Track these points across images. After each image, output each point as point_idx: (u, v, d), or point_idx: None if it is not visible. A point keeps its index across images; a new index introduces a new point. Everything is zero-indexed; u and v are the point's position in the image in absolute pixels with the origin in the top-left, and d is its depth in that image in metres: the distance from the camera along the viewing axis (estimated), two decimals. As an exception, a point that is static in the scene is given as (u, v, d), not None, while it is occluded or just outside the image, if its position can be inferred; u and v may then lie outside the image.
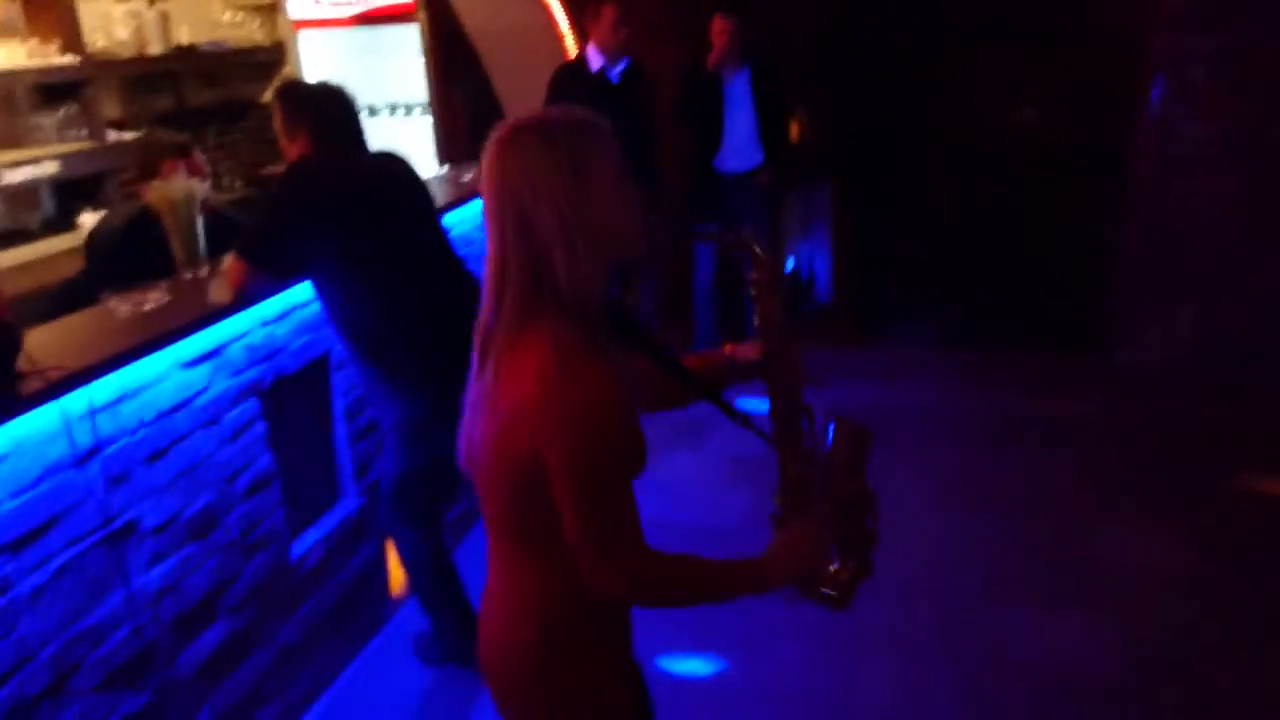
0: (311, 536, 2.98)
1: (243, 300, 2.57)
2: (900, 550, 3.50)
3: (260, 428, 2.71)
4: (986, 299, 5.46)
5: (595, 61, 4.34)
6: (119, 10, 5.17)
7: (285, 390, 2.83)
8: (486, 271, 1.36)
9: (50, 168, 4.57)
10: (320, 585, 2.98)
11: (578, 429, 1.29)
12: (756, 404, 1.64)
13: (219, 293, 2.58)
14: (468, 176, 3.99)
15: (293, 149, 2.66)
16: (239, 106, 5.83)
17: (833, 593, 1.55)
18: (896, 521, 3.65)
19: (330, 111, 2.66)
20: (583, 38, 4.55)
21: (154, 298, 2.51)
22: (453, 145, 5.06)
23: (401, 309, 2.64)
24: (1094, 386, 4.80)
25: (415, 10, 4.89)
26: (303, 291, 2.81)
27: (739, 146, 4.69)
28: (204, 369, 2.51)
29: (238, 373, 2.63)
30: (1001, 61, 5.29)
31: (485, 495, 1.45)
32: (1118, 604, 3.21)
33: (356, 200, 2.55)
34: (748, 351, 1.64)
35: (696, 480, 4.04)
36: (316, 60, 5.11)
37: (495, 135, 1.37)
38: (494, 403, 1.36)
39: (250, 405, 2.68)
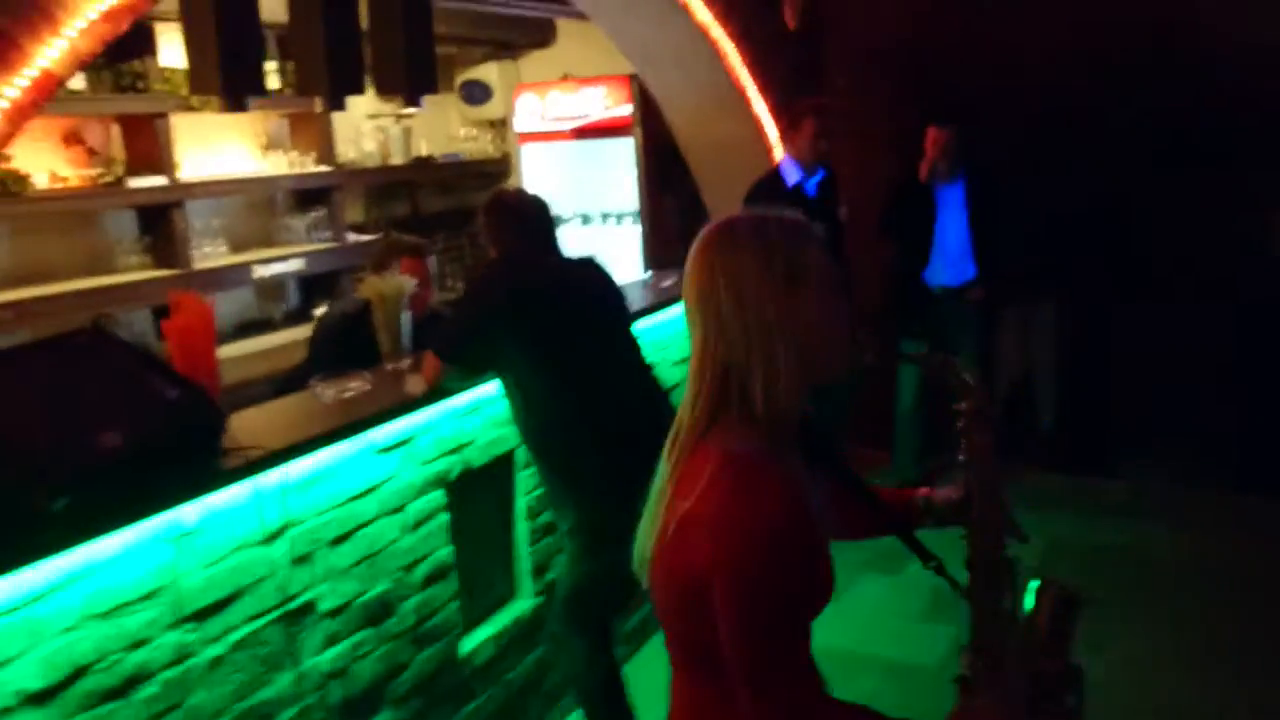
0: (484, 632, 2.96)
1: (436, 393, 2.65)
2: (1109, 710, 3.08)
3: (443, 518, 2.75)
4: (1235, 433, 4.87)
5: (791, 174, 4.30)
6: (369, 125, 5.70)
7: (470, 483, 2.87)
8: (690, 371, 1.30)
9: (296, 264, 5.02)
10: (489, 683, 2.95)
11: (745, 552, 1.18)
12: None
13: (415, 385, 2.67)
14: (668, 282, 4.02)
15: (493, 253, 2.77)
16: (467, 214, 6.22)
17: None
18: (1117, 685, 3.27)
19: (525, 217, 2.75)
20: (784, 149, 4.55)
21: (356, 386, 2.63)
22: (661, 252, 5.15)
23: (584, 412, 2.63)
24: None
25: (631, 125, 5.08)
26: (493, 387, 2.87)
27: (951, 260, 4.50)
28: (394, 457, 2.59)
29: (426, 463, 2.69)
30: (1255, 181, 4.82)
31: (658, 609, 1.36)
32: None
33: (543, 301, 2.59)
34: (948, 493, 1.49)
35: (891, 610, 3.76)
36: (537, 171, 5.39)
37: (705, 231, 1.31)
38: (667, 512, 1.28)
39: (436, 495, 2.73)
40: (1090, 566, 4.10)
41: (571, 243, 2.95)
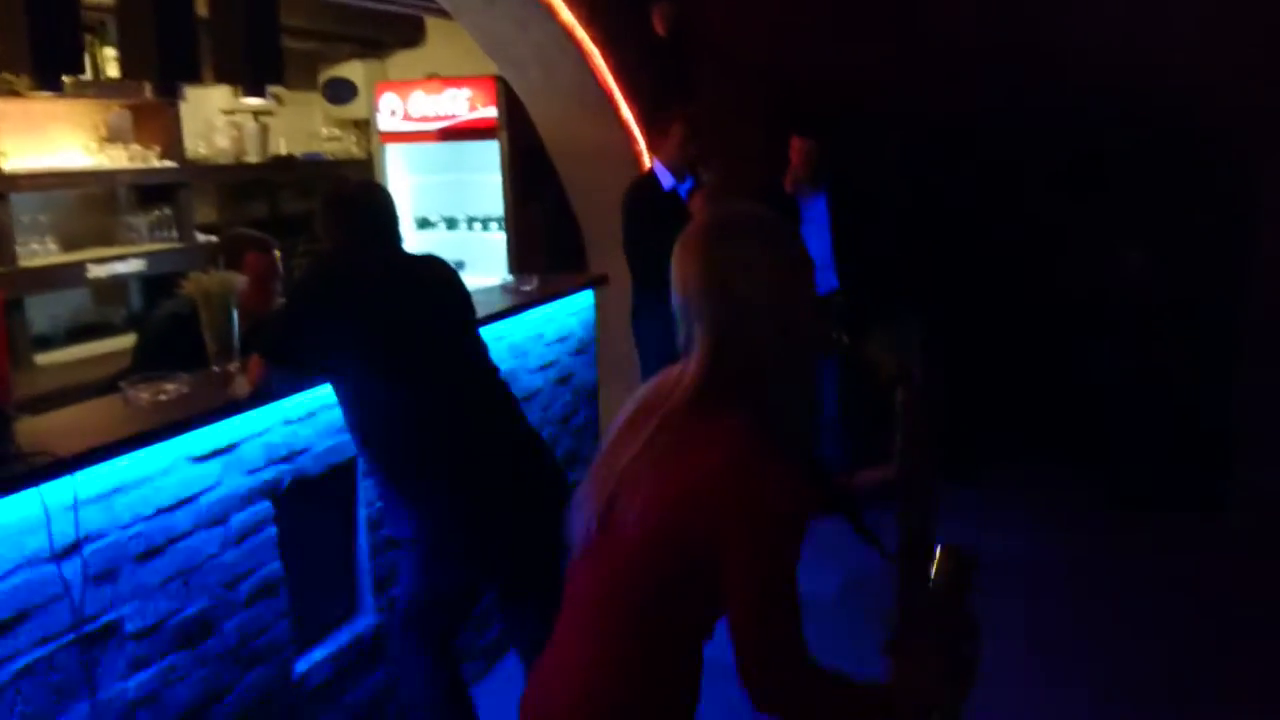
0: (320, 652, 2.79)
1: (261, 397, 2.48)
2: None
3: (271, 531, 2.58)
4: (1087, 447, 5.05)
5: (665, 179, 4.28)
6: (222, 120, 5.42)
7: (304, 494, 2.70)
8: (689, 354, 1.37)
9: (137, 265, 4.72)
10: (327, 707, 2.78)
11: (774, 533, 1.29)
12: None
13: (239, 388, 2.50)
14: (528, 286, 3.92)
15: (328, 247, 2.62)
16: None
17: None
18: (999, 680, 3.31)
19: (363, 210, 2.61)
20: (653, 155, 4.52)
21: (173, 388, 2.44)
22: (526, 258, 5.05)
23: (421, 417, 2.48)
24: (1202, 548, 4.34)
25: (497, 127, 4.97)
26: (329, 392, 2.71)
27: (814, 270, 4.52)
28: (214, 465, 2.41)
29: (252, 472, 2.52)
30: (1105, 201, 5.03)
31: (603, 572, 1.40)
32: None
33: (374, 298, 2.45)
34: (872, 476, 1.63)
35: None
36: (400, 173, 5.22)
37: (701, 226, 1.40)
38: (660, 481, 1.32)
39: (262, 507, 2.55)
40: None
41: (435, 248, 2.84)
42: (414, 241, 4.27)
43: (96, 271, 4.54)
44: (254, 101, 5.60)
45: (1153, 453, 4.82)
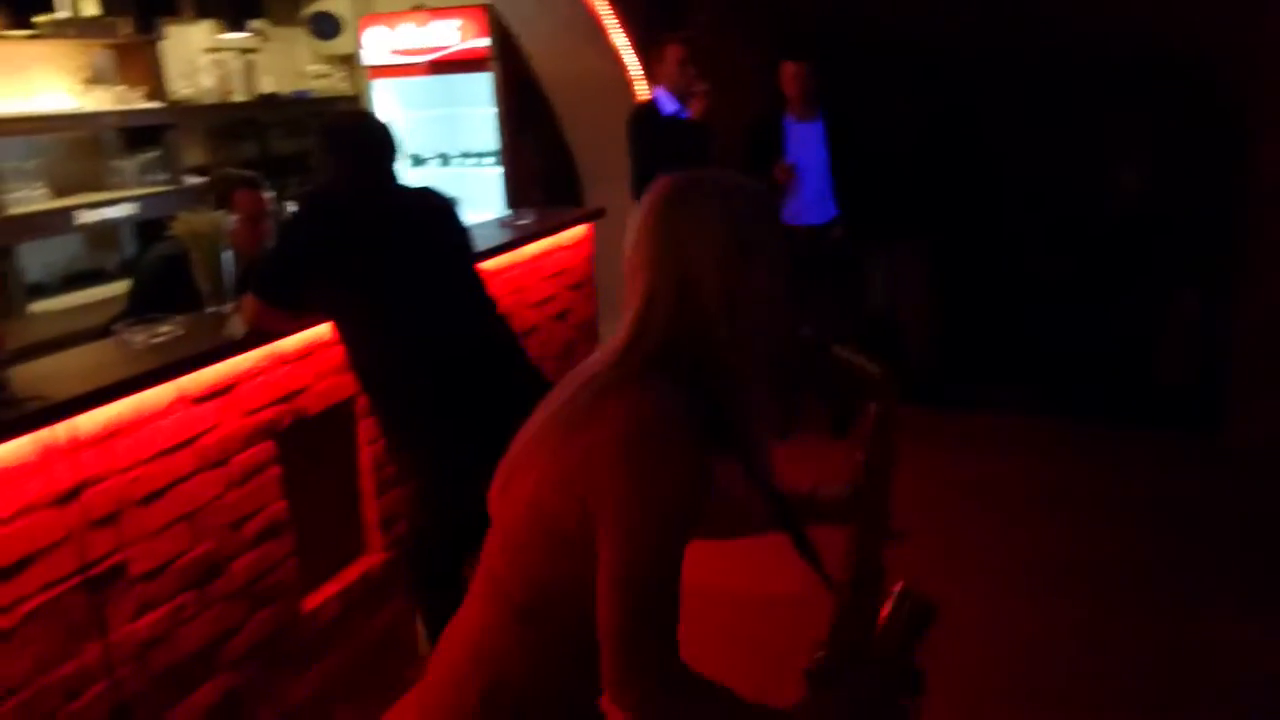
0: (329, 590, 2.81)
1: (257, 337, 2.45)
2: (973, 640, 3.15)
3: (274, 471, 2.57)
4: (1082, 368, 5.04)
5: (667, 105, 4.19)
6: (205, 59, 5.30)
7: (306, 433, 2.69)
8: (625, 321, 1.25)
9: (128, 209, 4.66)
10: (336, 643, 2.80)
11: (645, 516, 1.15)
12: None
13: (235, 328, 2.47)
14: (525, 220, 3.87)
15: (323, 182, 2.57)
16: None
17: None
18: (970, 604, 3.34)
19: (356, 144, 2.55)
20: (652, 83, 4.42)
21: (167, 330, 2.41)
22: (522, 193, 4.97)
23: (416, 354, 2.46)
24: (1199, 466, 4.35)
25: (487, 59, 4.85)
26: (328, 331, 2.68)
27: (811, 200, 4.45)
28: (213, 406, 2.39)
29: (251, 412, 2.50)
30: (1107, 118, 4.93)
31: (502, 539, 1.30)
32: (1217, 713, 2.79)
33: (367, 234, 2.41)
34: (834, 492, 1.48)
35: (750, 544, 3.75)
36: (390, 108, 5.11)
37: (659, 189, 1.25)
38: (551, 458, 1.22)
39: (264, 447, 2.54)
40: (945, 497, 4.19)
41: (430, 184, 2.77)
42: (408, 179, 4.21)
43: (86, 217, 4.48)
44: (236, 37, 5.50)
45: (1150, 372, 4.82)
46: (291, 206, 3.81)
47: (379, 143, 2.58)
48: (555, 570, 1.23)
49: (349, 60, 5.84)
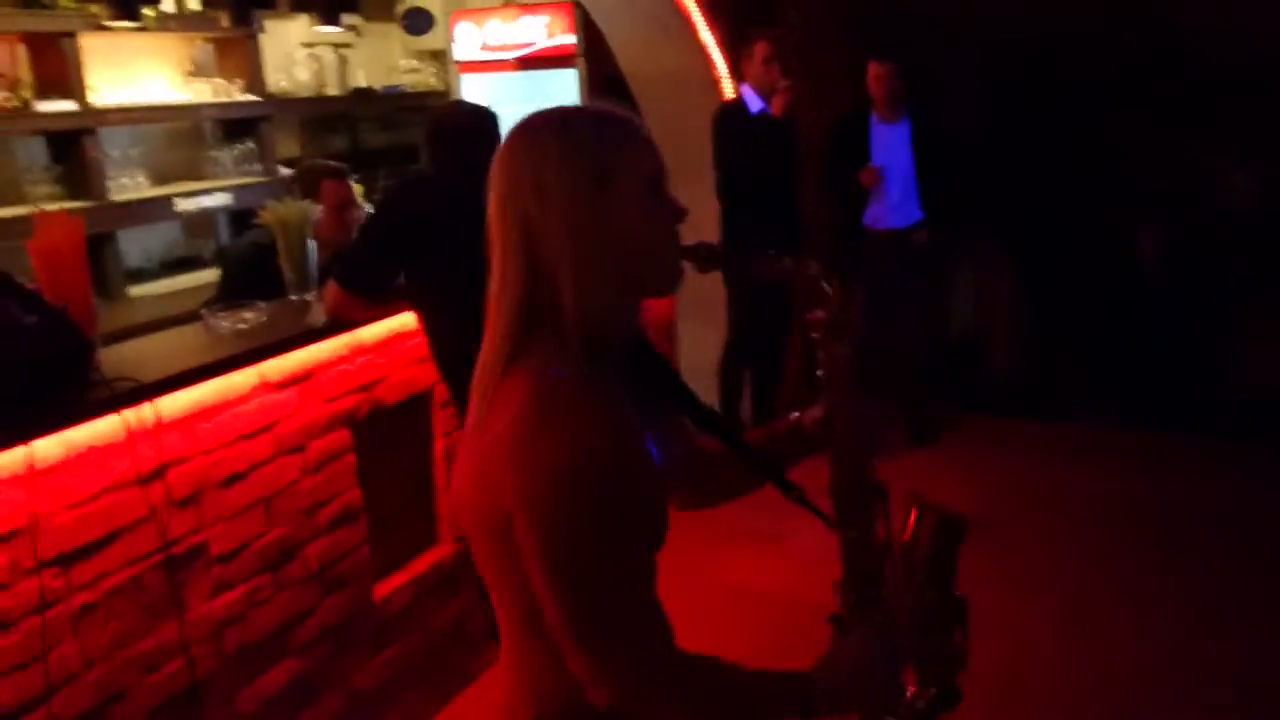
0: (400, 578, 2.84)
1: (337, 325, 2.49)
2: (1069, 660, 3.03)
3: (350, 460, 2.60)
4: (1187, 381, 4.81)
5: (754, 102, 4.14)
6: (302, 54, 5.43)
7: (382, 423, 2.72)
8: (490, 291, 1.13)
9: (223, 199, 4.79)
10: (406, 630, 2.83)
11: (551, 492, 1.01)
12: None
13: (317, 316, 2.51)
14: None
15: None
16: (411, 150, 5.99)
17: None
18: (1051, 625, 3.22)
19: (452, 131, 2.58)
20: (738, 80, 4.37)
21: (252, 316, 2.46)
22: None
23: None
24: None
25: (575, 55, 4.86)
26: (407, 321, 2.70)
27: (895, 203, 4.34)
28: (293, 393, 2.43)
29: (330, 400, 2.54)
30: (1221, 122, 4.69)
31: (476, 560, 1.17)
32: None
33: (448, 220, 2.42)
34: (815, 414, 1.31)
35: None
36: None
37: (511, 129, 1.14)
38: (477, 451, 1.09)
39: (341, 435, 2.58)
40: (1028, 506, 4.05)
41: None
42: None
43: (184, 205, 4.63)
44: (331, 31, 5.62)
45: (1263, 385, 4.58)
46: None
47: (469, 131, 2.59)
48: (521, 572, 1.08)
49: (440, 56, 5.91)
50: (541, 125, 1.12)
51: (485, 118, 2.60)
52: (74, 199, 4.21)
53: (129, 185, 4.45)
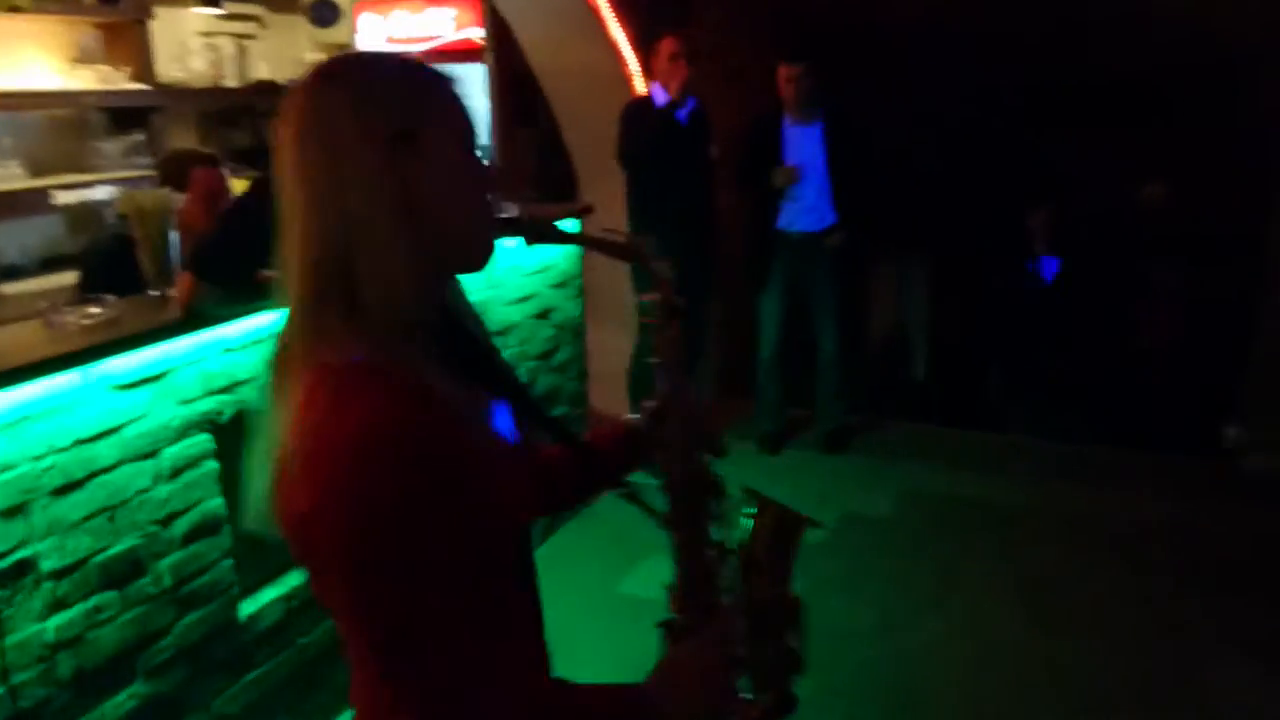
0: (270, 593, 2.65)
1: (193, 320, 2.30)
2: (971, 671, 2.97)
3: (211, 466, 2.42)
4: (1098, 389, 4.83)
5: (659, 98, 4.04)
6: (198, 42, 5.18)
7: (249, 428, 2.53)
8: (280, 266, 0.98)
9: (103, 192, 4.52)
10: (276, 650, 2.64)
11: (335, 491, 0.86)
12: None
13: (173, 312, 2.32)
14: (508, 214, 3.70)
15: None
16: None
17: None
18: (968, 636, 3.16)
19: None
20: (649, 78, 4.27)
21: (99, 312, 2.26)
22: (514, 187, 4.82)
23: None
24: (1217, 493, 4.14)
25: (483, 50, 4.72)
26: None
27: (807, 205, 4.28)
28: (143, 394, 2.24)
29: (186, 402, 2.35)
30: (1127, 134, 4.73)
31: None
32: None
33: None
34: (652, 404, 1.20)
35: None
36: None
37: (305, 76, 0.99)
38: (278, 463, 0.94)
39: (201, 440, 2.39)
40: (942, 515, 4.01)
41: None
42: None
43: (64, 198, 4.35)
44: (230, 20, 5.38)
45: (1173, 393, 4.61)
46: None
47: None
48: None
49: (346, 49, 5.71)
50: (339, 71, 0.98)
51: None
52: (-61, 189, 3.94)
53: (1, 175, 4.17)
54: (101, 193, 4.52)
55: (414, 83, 0.99)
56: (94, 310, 2.26)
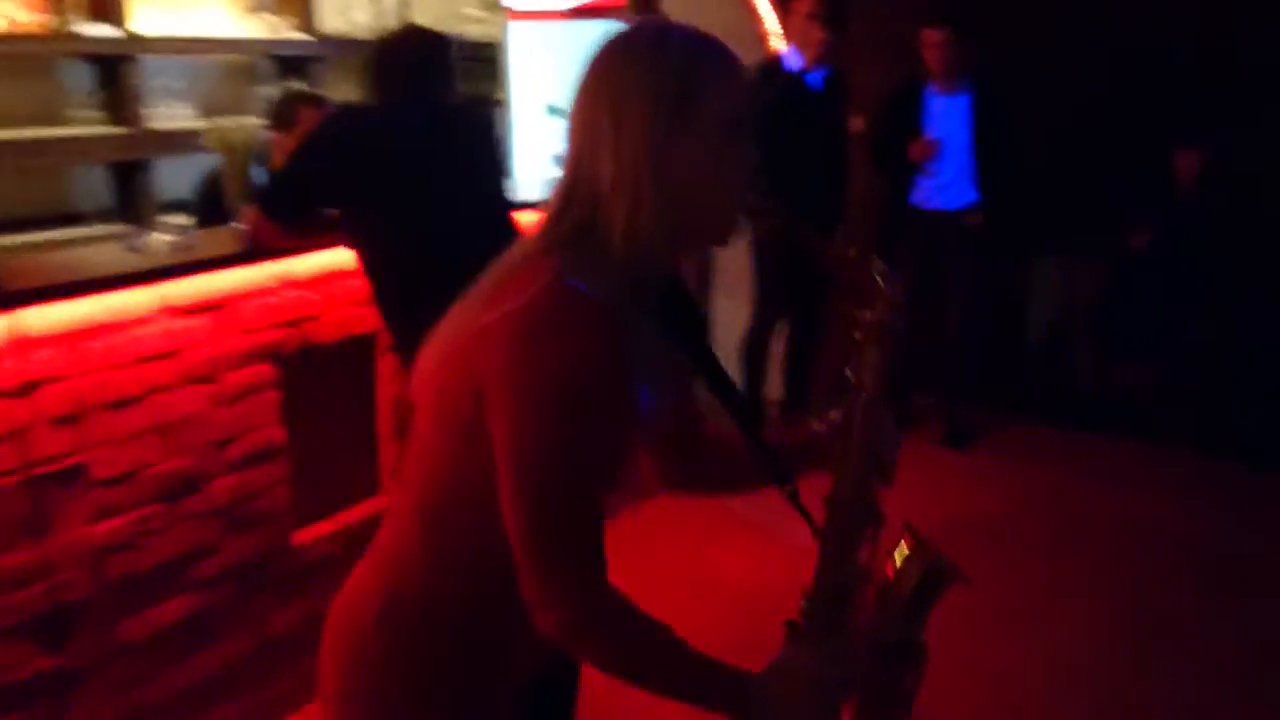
0: (326, 526, 2.73)
1: (257, 253, 2.37)
2: (1055, 699, 2.72)
3: (272, 395, 2.50)
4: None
5: (793, 61, 3.85)
6: (362, -4, 5.38)
7: (315, 363, 2.61)
8: (552, 192, 1.12)
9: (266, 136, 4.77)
10: (325, 582, 2.71)
11: (539, 407, 1.01)
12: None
13: (240, 243, 2.41)
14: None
15: None
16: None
17: None
18: (1057, 658, 2.88)
19: (393, 58, 2.45)
20: (787, 38, 4.08)
21: (175, 239, 2.37)
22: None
23: (423, 284, 2.30)
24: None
25: (625, 8, 4.64)
26: (345, 259, 2.57)
27: (945, 181, 3.98)
28: (204, 320, 2.33)
29: (249, 332, 2.43)
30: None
31: (416, 433, 1.18)
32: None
33: (377, 150, 2.30)
34: (835, 417, 1.25)
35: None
36: (526, 54, 5.01)
37: (607, 38, 1.11)
38: (461, 326, 1.09)
39: (263, 369, 2.47)
40: (1060, 525, 3.69)
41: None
42: (543, 131, 4.11)
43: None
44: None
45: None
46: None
47: (416, 58, 2.46)
48: (455, 464, 1.11)
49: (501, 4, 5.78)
50: (638, 36, 1.10)
51: (434, 44, 2.45)
52: (115, 125, 4.26)
53: (167, 115, 4.47)
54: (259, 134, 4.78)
55: (703, 55, 1.08)
56: (169, 238, 2.36)
